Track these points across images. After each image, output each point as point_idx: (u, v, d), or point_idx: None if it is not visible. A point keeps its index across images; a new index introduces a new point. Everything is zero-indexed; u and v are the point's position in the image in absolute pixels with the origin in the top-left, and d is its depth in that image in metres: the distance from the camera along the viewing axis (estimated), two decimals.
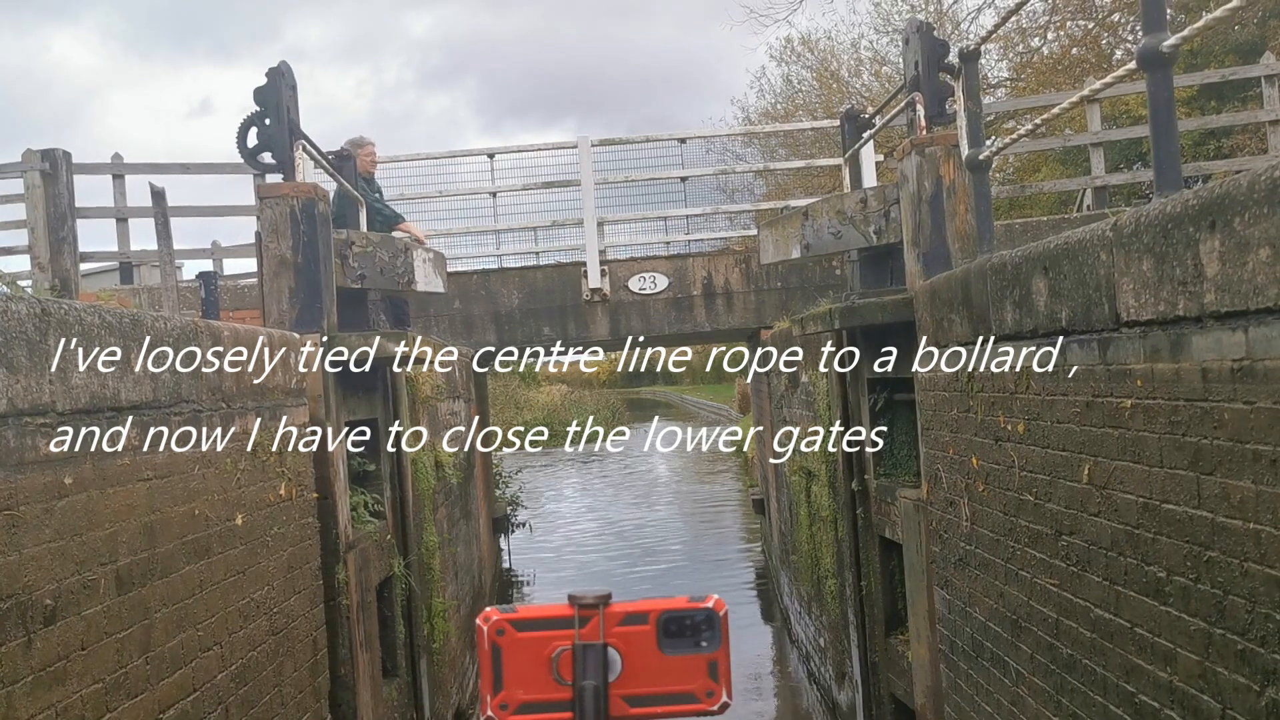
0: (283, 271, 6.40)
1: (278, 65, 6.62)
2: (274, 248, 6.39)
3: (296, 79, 6.77)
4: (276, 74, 6.59)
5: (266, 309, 6.39)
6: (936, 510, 5.55)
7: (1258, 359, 2.57)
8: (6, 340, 3.20)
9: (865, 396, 7.03)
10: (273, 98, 6.51)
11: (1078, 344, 3.62)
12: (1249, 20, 16.07)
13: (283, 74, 6.58)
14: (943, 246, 6.04)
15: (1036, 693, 4.19)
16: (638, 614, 1.28)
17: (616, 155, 13.49)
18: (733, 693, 1.29)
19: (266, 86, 6.53)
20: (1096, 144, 11.69)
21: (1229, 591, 2.77)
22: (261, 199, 6.48)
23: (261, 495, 5.22)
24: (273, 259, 6.39)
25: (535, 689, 1.26)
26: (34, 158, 10.85)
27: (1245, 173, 2.60)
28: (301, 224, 6.42)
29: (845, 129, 9.01)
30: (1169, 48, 3.33)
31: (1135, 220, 3.15)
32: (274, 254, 6.39)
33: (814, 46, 24.97)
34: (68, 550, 3.49)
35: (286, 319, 6.38)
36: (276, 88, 6.53)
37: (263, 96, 6.51)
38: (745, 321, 12.33)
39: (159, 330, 4.25)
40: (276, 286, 6.39)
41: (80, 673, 3.49)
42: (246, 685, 4.82)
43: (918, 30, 6.37)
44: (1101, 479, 3.48)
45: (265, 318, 6.40)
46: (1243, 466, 2.67)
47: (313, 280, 6.45)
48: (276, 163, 6.55)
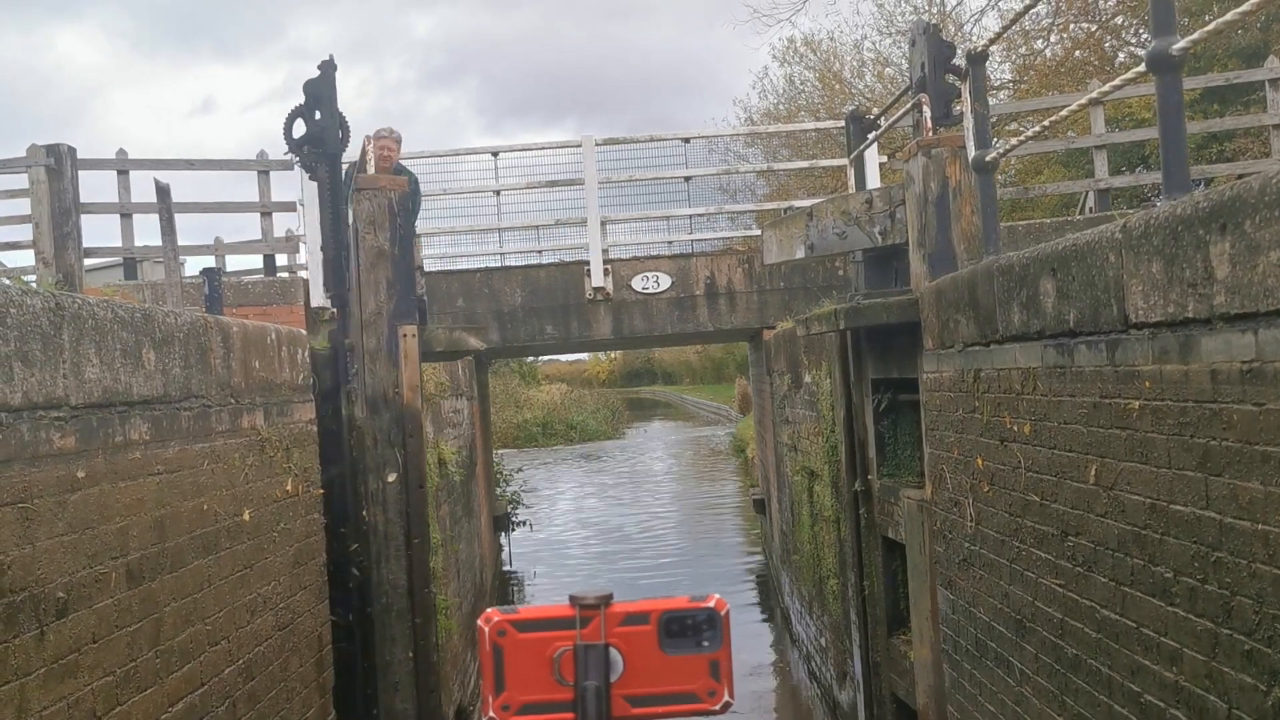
0: (380, 263, 6.48)
1: (328, 58, 6.65)
2: (371, 239, 6.48)
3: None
4: (328, 67, 6.62)
5: (363, 300, 6.45)
6: (940, 511, 5.57)
7: (1268, 361, 2.59)
8: (22, 334, 3.22)
9: (869, 397, 7.04)
10: (326, 90, 6.56)
11: (1086, 345, 3.63)
12: (1252, 24, 16.09)
13: (334, 67, 6.61)
14: (948, 247, 6.05)
15: (1041, 693, 4.20)
16: (639, 614, 1.28)
17: (620, 155, 13.50)
18: (734, 692, 1.30)
19: (319, 79, 6.57)
20: (1100, 146, 11.71)
21: (1236, 592, 2.78)
22: (359, 190, 6.56)
23: (269, 490, 5.24)
24: (370, 251, 6.47)
25: (537, 689, 1.27)
26: (39, 153, 10.85)
27: (1256, 175, 2.61)
28: (398, 216, 6.55)
29: (850, 130, 9.02)
30: (1179, 51, 3.34)
31: (1145, 222, 3.17)
32: (371, 246, 6.47)
33: (817, 47, 24.98)
34: (80, 544, 3.51)
35: (384, 310, 6.48)
36: (329, 80, 6.56)
37: (314, 89, 6.54)
38: (748, 321, 12.33)
39: (170, 325, 4.27)
40: (374, 278, 6.48)
41: (91, 665, 3.51)
42: (253, 680, 4.84)
43: (924, 32, 6.39)
44: (1109, 480, 3.49)
45: (362, 309, 6.46)
46: (1251, 468, 2.69)
47: (407, 272, 6.59)
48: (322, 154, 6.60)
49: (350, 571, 6.68)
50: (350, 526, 6.94)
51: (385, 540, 6.58)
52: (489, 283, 12.26)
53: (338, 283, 6.72)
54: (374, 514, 6.46)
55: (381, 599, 6.57)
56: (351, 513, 6.68)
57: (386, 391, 6.57)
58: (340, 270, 6.71)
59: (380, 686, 6.64)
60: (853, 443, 7.35)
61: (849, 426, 7.39)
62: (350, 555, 6.67)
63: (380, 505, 6.55)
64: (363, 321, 6.47)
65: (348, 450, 6.74)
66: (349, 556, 6.69)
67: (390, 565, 6.63)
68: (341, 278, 6.72)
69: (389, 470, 6.51)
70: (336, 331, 6.88)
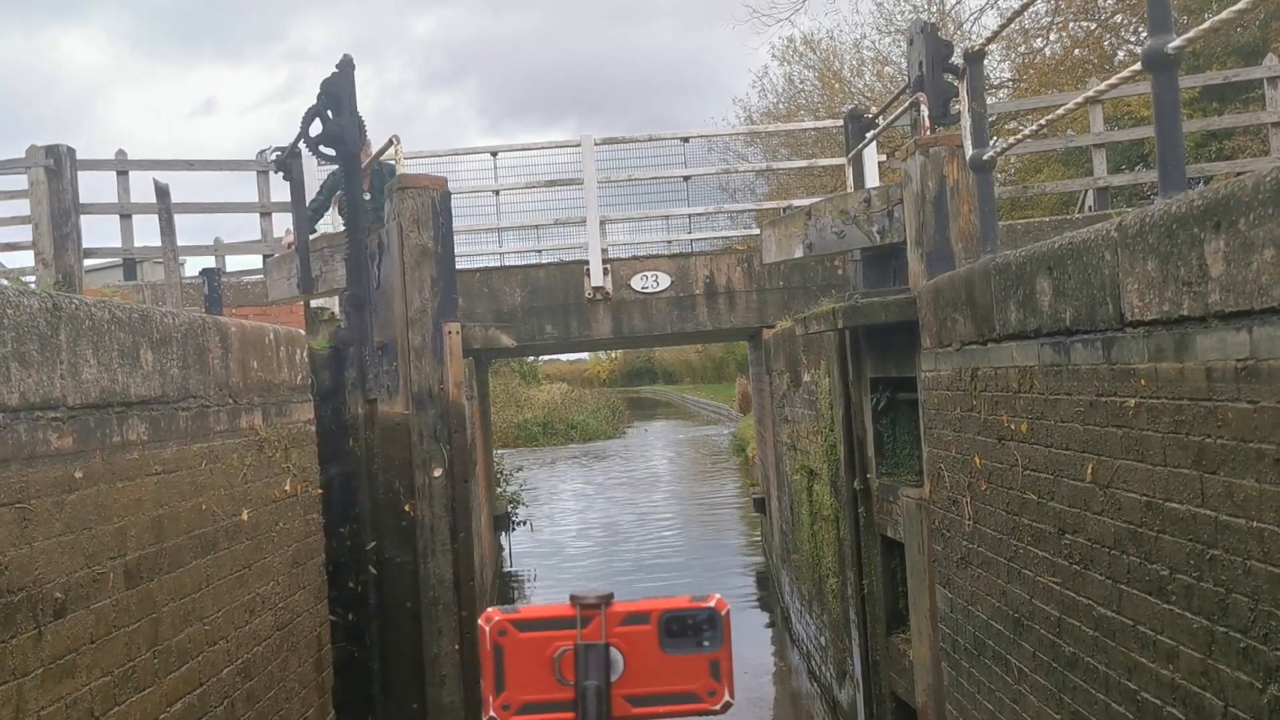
0: (424, 261, 6.53)
1: (346, 57, 6.68)
2: (415, 238, 6.53)
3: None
4: (347, 66, 6.65)
5: (408, 298, 6.48)
6: (939, 509, 5.57)
7: (1262, 359, 2.60)
8: (19, 335, 3.22)
9: (867, 395, 7.04)
10: (345, 89, 6.60)
11: (1082, 343, 3.64)
12: (1251, 22, 16.08)
13: (353, 66, 6.64)
14: (946, 246, 6.05)
15: (1038, 691, 4.21)
16: (640, 614, 1.28)
17: (619, 154, 13.52)
18: (734, 692, 1.29)
19: (338, 78, 6.60)
20: (1099, 145, 11.71)
21: (1232, 589, 2.79)
22: (402, 189, 6.59)
23: (267, 491, 5.24)
24: (414, 249, 6.52)
25: (537, 689, 1.26)
26: (38, 153, 10.86)
27: (1250, 174, 2.62)
28: (440, 215, 6.60)
29: (849, 129, 9.03)
30: (1174, 49, 3.35)
31: (1140, 221, 3.17)
32: (415, 244, 6.52)
33: (816, 46, 24.99)
34: (77, 544, 3.51)
35: (429, 307, 6.53)
36: (348, 79, 6.59)
37: (333, 87, 6.56)
38: (747, 321, 12.34)
39: (168, 326, 4.27)
40: (418, 276, 6.53)
41: (89, 665, 3.51)
42: (252, 680, 4.84)
43: (922, 31, 6.40)
44: (1105, 478, 3.50)
45: (407, 307, 6.48)
46: (1246, 465, 2.69)
47: (449, 270, 6.65)
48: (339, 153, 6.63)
49: (368, 570, 6.70)
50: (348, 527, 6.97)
51: (432, 534, 6.61)
52: (488, 282, 12.27)
53: (355, 281, 6.74)
54: (421, 509, 6.50)
55: (429, 593, 6.59)
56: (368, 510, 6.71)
57: (432, 388, 6.61)
58: (359, 269, 6.73)
59: (427, 680, 6.64)
60: (851, 441, 7.35)
61: (848, 425, 7.39)
62: (366, 553, 6.69)
63: (427, 500, 6.58)
64: (408, 319, 6.51)
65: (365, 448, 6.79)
66: (364, 554, 6.70)
67: (437, 559, 6.65)
68: (360, 276, 6.74)
69: (435, 465, 6.57)
70: (349, 330, 6.89)
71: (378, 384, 6.71)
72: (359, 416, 6.84)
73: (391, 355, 6.58)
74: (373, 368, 6.78)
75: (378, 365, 6.69)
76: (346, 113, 6.61)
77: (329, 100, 6.57)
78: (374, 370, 6.77)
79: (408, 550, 6.57)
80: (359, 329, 6.81)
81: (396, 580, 6.67)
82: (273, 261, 8.48)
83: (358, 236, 6.75)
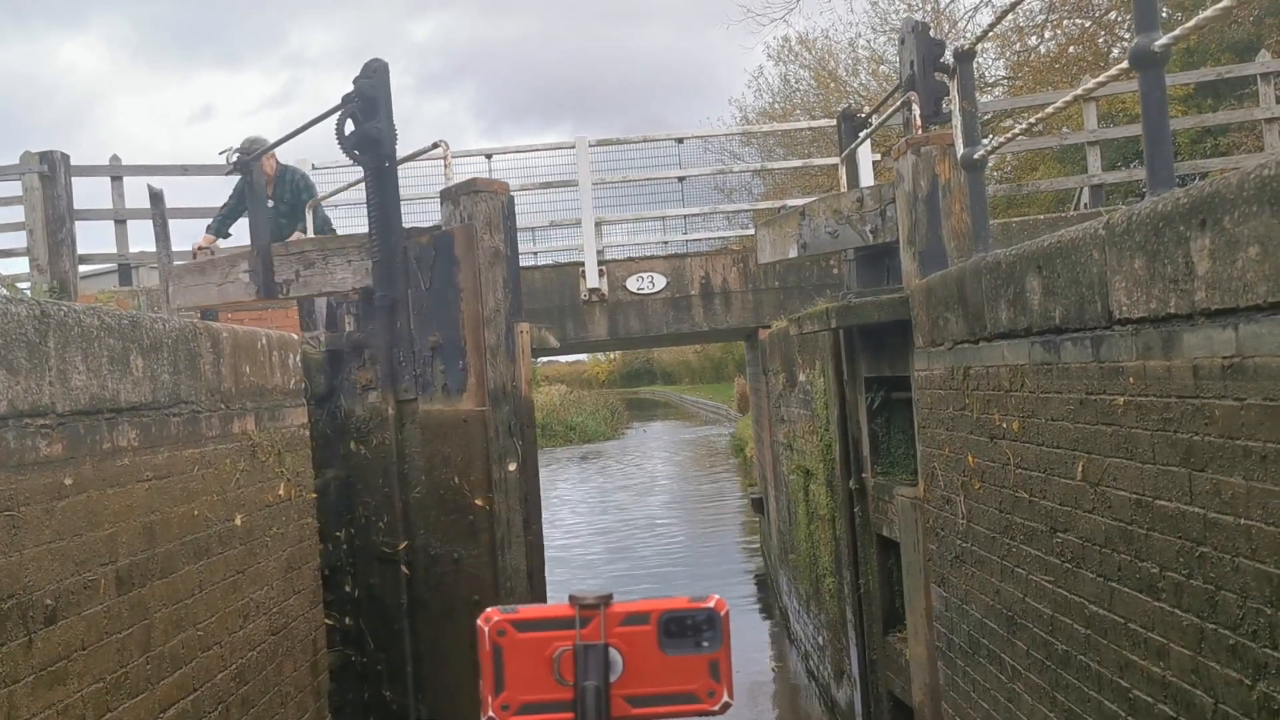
0: (496, 263, 6.67)
1: (379, 60, 6.72)
2: (488, 240, 6.66)
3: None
4: (383, 68, 6.69)
5: (483, 299, 6.61)
6: (933, 508, 5.57)
7: (1248, 356, 2.60)
8: (6, 342, 3.22)
9: (862, 395, 7.05)
10: (381, 92, 6.65)
11: (1071, 342, 3.64)
12: (1244, 19, 16.09)
13: (388, 68, 6.72)
14: (938, 245, 6.05)
15: (1032, 689, 4.21)
16: (639, 614, 1.28)
17: (614, 155, 13.52)
18: (733, 692, 1.30)
19: (374, 81, 6.63)
20: (1093, 142, 11.72)
21: (1221, 587, 2.79)
22: (476, 192, 6.73)
23: (260, 496, 5.24)
24: (487, 251, 6.65)
25: (537, 689, 1.27)
26: (32, 160, 10.86)
27: (1235, 171, 2.62)
28: (508, 219, 6.76)
29: (842, 128, 9.03)
30: (1161, 47, 3.35)
31: (1127, 219, 3.17)
32: (489, 246, 6.66)
33: (811, 46, 25.00)
34: (68, 551, 3.51)
35: (502, 308, 6.68)
36: (384, 82, 6.66)
37: (369, 90, 6.60)
38: (743, 321, 12.34)
39: (158, 332, 4.27)
40: (492, 277, 6.65)
41: (81, 672, 3.51)
42: (246, 685, 4.84)
43: (913, 30, 6.40)
44: (1095, 476, 3.50)
45: (482, 307, 6.62)
46: (1234, 463, 2.69)
47: (516, 272, 6.80)
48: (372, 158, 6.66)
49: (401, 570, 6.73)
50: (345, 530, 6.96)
51: (508, 527, 6.70)
52: None
53: (388, 283, 6.77)
54: (497, 502, 6.61)
55: (506, 583, 6.66)
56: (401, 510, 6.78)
57: (505, 385, 6.73)
58: (391, 271, 6.77)
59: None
60: (847, 441, 7.35)
61: (843, 425, 7.39)
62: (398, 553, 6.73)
63: (503, 493, 6.67)
64: (482, 318, 6.65)
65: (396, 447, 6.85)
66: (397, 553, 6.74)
67: (512, 551, 6.74)
68: (392, 278, 6.77)
69: (510, 459, 6.69)
70: (374, 331, 6.89)
71: (421, 382, 6.76)
72: (388, 416, 6.88)
73: (453, 354, 6.64)
74: (409, 367, 6.81)
75: (423, 364, 6.74)
76: (383, 116, 6.67)
77: (364, 103, 6.60)
78: (412, 369, 6.80)
79: (474, 544, 6.62)
80: (388, 329, 6.84)
81: (452, 576, 6.69)
82: (189, 266, 8.19)
83: (387, 240, 6.79)
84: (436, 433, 6.69)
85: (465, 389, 6.61)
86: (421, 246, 6.75)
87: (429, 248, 6.73)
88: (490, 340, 6.65)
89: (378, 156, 6.71)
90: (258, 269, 7.25)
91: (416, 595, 6.77)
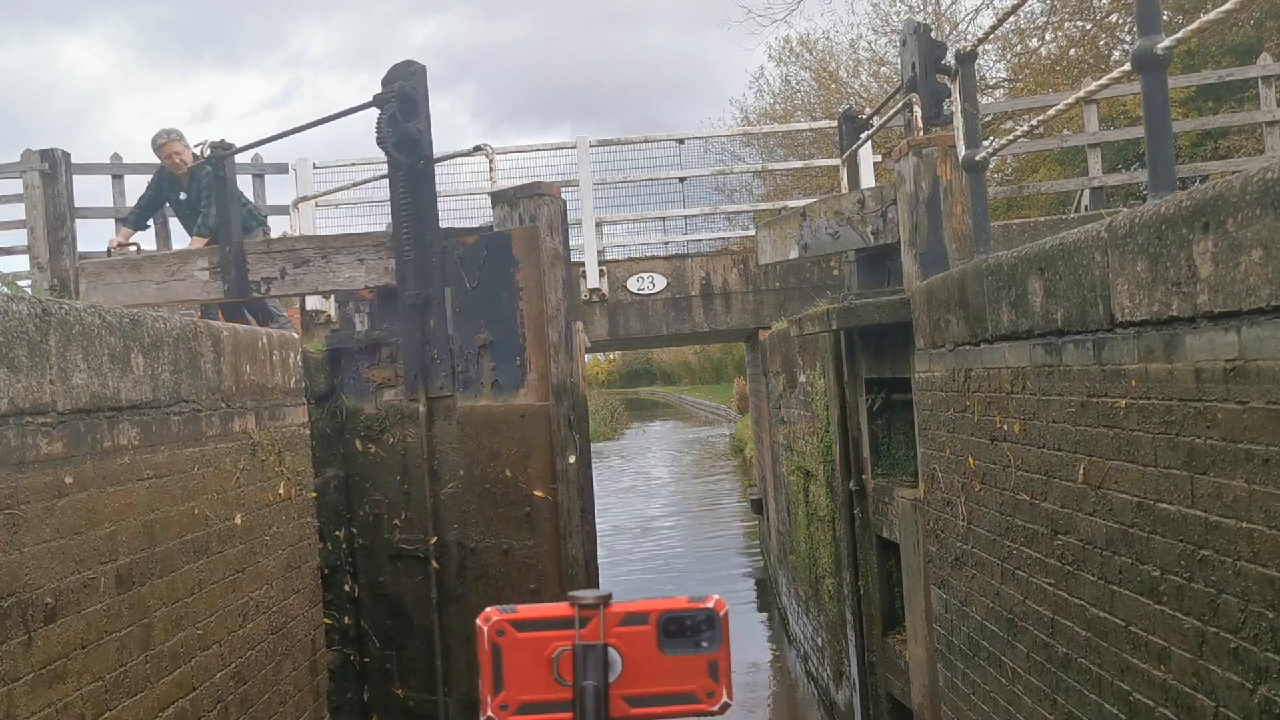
0: (556, 264, 6.88)
1: (416, 63, 6.80)
2: (549, 242, 6.87)
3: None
4: (421, 70, 6.79)
5: (546, 298, 6.79)
6: (933, 510, 5.57)
7: (1250, 359, 2.59)
8: (8, 340, 3.22)
9: (863, 396, 7.04)
10: (420, 94, 6.75)
11: (1073, 344, 3.64)
12: (1245, 22, 16.10)
13: (425, 70, 6.82)
14: (940, 247, 6.05)
15: (1032, 691, 4.21)
16: (638, 614, 1.28)
17: (614, 156, 13.50)
18: (733, 693, 1.29)
19: (413, 83, 6.72)
20: (1094, 144, 11.71)
21: (1222, 590, 2.78)
22: (539, 195, 6.95)
23: (260, 495, 5.23)
24: (549, 252, 6.87)
25: (535, 689, 1.26)
26: (33, 158, 10.84)
27: (1238, 174, 2.61)
28: (564, 222, 7.00)
29: (843, 130, 9.03)
30: (1163, 50, 3.34)
31: (1130, 221, 3.17)
32: (550, 248, 6.88)
33: (812, 47, 25.00)
34: (68, 549, 3.50)
35: (562, 307, 6.85)
36: (422, 84, 6.77)
37: (409, 91, 6.69)
38: (743, 322, 12.33)
39: (159, 330, 4.27)
40: (553, 277, 6.84)
41: (80, 671, 3.51)
42: (245, 684, 4.84)
43: (915, 32, 6.40)
44: (1096, 478, 3.50)
45: (545, 306, 6.81)
46: (1236, 466, 2.69)
47: (570, 273, 7.04)
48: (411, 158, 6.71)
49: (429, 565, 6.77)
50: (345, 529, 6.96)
51: (569, 517, 6.81)
52: None
53: (422, 283, 6.81)
54: (560, 493, 6.73)
55: (568, 571, 6.76)
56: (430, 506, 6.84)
57: (565, 381, 6.88)
58: (424, 271, 6.80)
59: None
60: (847, 442, 7.35)
61: (843, 426, 7.39)
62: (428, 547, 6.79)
63: (565, 484, 6.79)
64: (545, 316, 6.81)
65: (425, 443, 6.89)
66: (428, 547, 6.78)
67: (573, 540, 6.85)
68: (425, 278, 6.81)
69: (570, 452, 6.84)
70: (410, 329, 6.91)
71: (462, 379, 6.85)
72: (417, 413, 6.93)
73: (507, 351, 6.78)
74: (443, 365, 6.87)
75: (465, 361, 6.82)
76: (422, 117, 6.76)
77: (404, 103, 6.63)
78: (449, 366, 6.86)
79: (531, 535, 6.72)
80: (418, 328, 6.87)
81: (498, 567, 6.76)
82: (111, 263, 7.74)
83: (421, 239, 6.83)
84: (481, 428, 6.80)
85: (524, 384, 6.76)
86: (467, 246, 6.87)
87: (477, 247, 6.83)
88: (553, 338, 6.85)
89: (416, 156, 6.76)
90: (228, 266, 7.16)
91: (447, 589, 6.82)
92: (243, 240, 7.35)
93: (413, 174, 6.82)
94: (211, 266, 7.31)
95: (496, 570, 6.73)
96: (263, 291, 7.21)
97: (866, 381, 7.00)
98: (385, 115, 6.64)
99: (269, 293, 7.26)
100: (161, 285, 7.40)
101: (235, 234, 7.32)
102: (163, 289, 7.38)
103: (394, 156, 6.72)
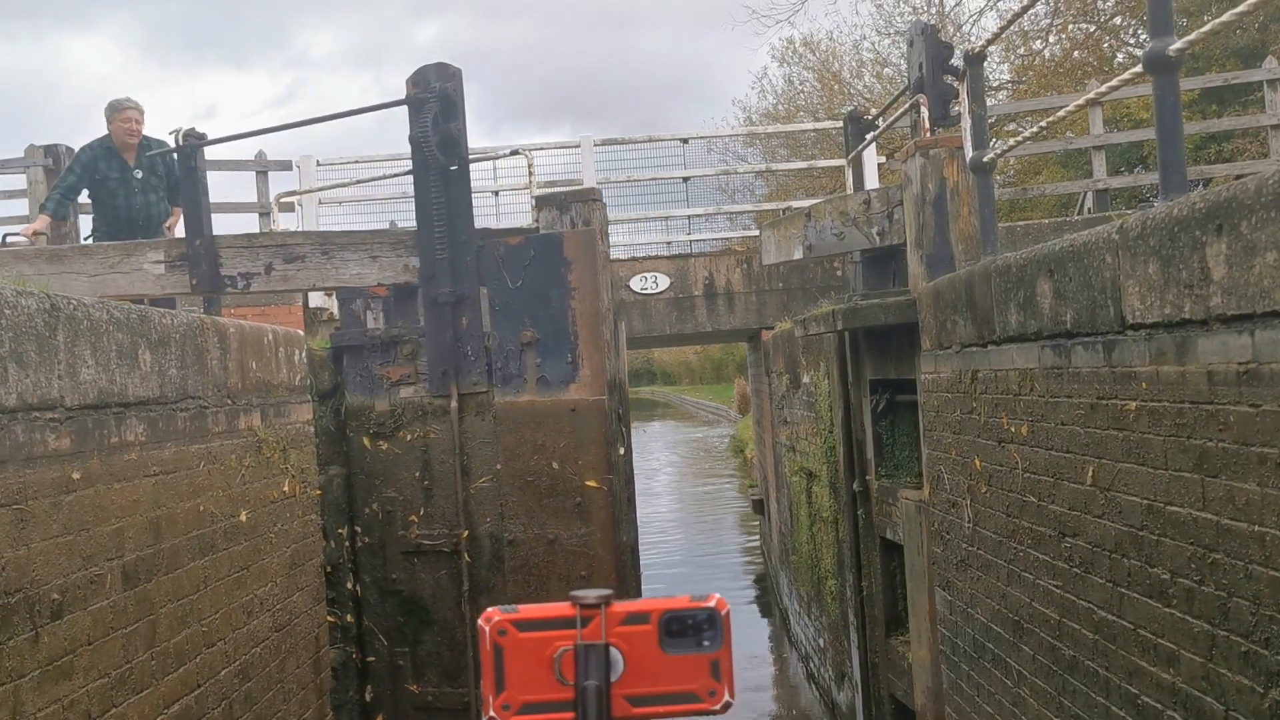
0: (606, 265, 7.29)
1: (455, 68, 6.84)
2: (600, 245, 7.17)
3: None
4: (459, 73, 6.84)
5: (599, 298, 7.05)
6: (938, 511, 5.56)
7: (1264, 362, 2.59)
8: (16, 336, 3.21)
9: (867, 397, 7.04)
10: (458, 95, 6.81)
11: (1083, 346, 3.63)
12: (1250, 25, 16.10)
13: (461, 72, 6.87)
14: (946, 248, 6.04)
15: (1038, 694, 4.20)
16: (639, 614, 1.28)
17: (618, 155, 13.51)
18: (734, 692, 1.29)
19: (451, 84, 6.76)
20: (1098, 147, 11.71)
21: (1233, 594, 2.78)
22: (592, 200, 7.21)
23: (265, 491, 5.23)
24: (601, 256, 7.19)
25: (537, 689, 1.26)
26: (37, 153, 10.85)
27: (1253, 177, 2.61)
28: (605, 226, 7.42)
29: (848, 130, 9.02)
30: (1175, 52, 3.34)
31: (1141, 223, 3.16)
32: (601, 251, 7.19)
33: (816, 47, 25.01)
34: (75, 545, 3.50)
35: (611, 307, 7.21)
36: (458, 86, 6.82)
37: (447, 92, 6.73)
38: (746, 322, 12.33)
39: (166, 327, 4.26)
40: (605, 279, 7.25)
41: (86, 667, 3.50)
42: (250, 681, 4.83)
43: (922, 33, 6.38)
44: (1105, 481, 3.49)
45: (600, 305, 7.05)
46: (1248, 469, 2.68)
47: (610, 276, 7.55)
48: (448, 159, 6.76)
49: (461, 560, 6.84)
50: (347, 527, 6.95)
51: (619, 506, 6.94)
52: None
53: (456, 281, 6.84)
54: (614, 483, 6.86)
55: (623, 558, 6.91)
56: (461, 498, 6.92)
57: (614, 377, 7.06)
58: (458, 269, 6.84)
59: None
60: (851, 443, 7.35)
61: (847, 427, 7.39)
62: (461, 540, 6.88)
63: (617, 474, 6.94)
64: (599, 315, 6.98)
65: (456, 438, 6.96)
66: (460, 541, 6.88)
67: (624, 528, 6.96)
68: (462, 276, 6.85)
69: (619, 444, 7.03)
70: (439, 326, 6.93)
71: (501, 376, 6.92)
72: (448, 409, 6.98)
73: (556, 349, 6.89)
74: (478, 362, 6.93)
75: (505, 358, 6.90)
76: (460, 118, 6.83)
77: (444, 104, 6.66)
78: (484, 363, 6.92)
79: (582, 524, 6.80)
80: (450, 325, 6.91)
81: (542, 557, 6.84)
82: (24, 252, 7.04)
83: (456, 238, 6.86)
84: (522, 422, 6.88)
85: (575, 380, 6.86)
86: (510, 247, 6.93)
87: (522, 249, 6.90)
88: (606, 336, 7.02)
89: (454, 157, 6.79)
90: (197, 260, 6.86)
91: (479, 581, 6.87)
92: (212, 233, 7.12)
93: (446, 174, 6.83)
94: (169, 259, 6.89)
95: (539, 560, 6.83)
96: (243, 287, 7.04)
97: (870, 382, 6.99)
98: (427, 116, 6.65)
99: (249, 288, 7.10)
100: (94, 279, 6.75)
101: (206, 226, 7.15)
102: (96, 282, 6.70)
103: (433, 156, 6.72)
